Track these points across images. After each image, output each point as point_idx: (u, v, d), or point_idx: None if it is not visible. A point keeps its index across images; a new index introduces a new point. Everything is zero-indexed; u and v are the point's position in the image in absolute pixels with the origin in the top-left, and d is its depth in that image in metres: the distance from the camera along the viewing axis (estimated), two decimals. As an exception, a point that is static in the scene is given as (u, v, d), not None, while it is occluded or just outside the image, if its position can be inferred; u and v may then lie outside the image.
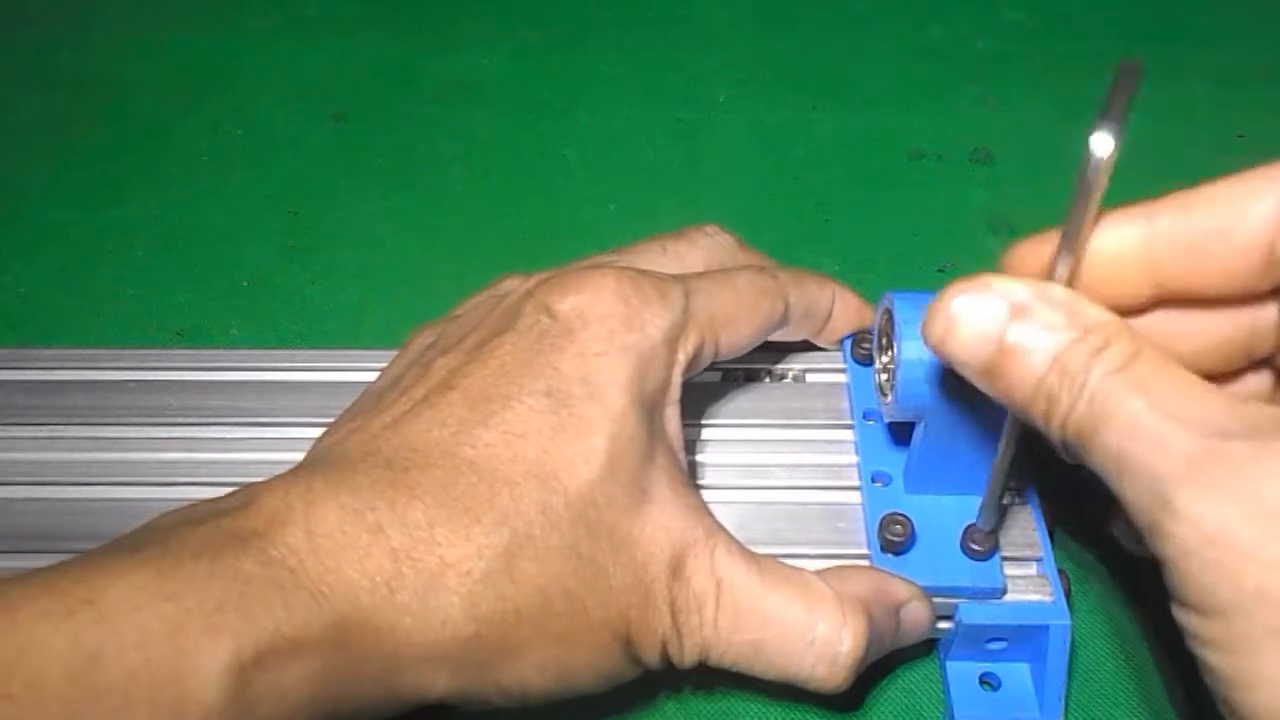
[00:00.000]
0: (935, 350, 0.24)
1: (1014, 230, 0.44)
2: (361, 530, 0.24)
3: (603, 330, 0.27)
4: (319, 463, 0.26)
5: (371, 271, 0.43)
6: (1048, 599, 0.29)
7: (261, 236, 0.44)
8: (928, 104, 0.50)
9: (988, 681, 0.30)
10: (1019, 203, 0.45)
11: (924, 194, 0.46)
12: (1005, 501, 0.29)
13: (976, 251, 0.43)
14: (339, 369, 0.35)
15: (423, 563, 0.24)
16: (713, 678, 0.31)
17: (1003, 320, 0.23)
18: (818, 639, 0.27)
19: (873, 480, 0.31)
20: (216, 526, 0.24)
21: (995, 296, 0.23)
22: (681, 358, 0.28)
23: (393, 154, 0.48)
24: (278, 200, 0.46)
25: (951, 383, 0.27)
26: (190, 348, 0.37)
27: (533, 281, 0.30)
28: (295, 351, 0.36)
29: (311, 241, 0.44)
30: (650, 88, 0.51)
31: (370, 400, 0.29)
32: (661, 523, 0.27)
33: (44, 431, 0.33)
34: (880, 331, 0.30)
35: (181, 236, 0.44)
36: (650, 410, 0.28)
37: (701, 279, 0.30)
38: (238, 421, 0.33)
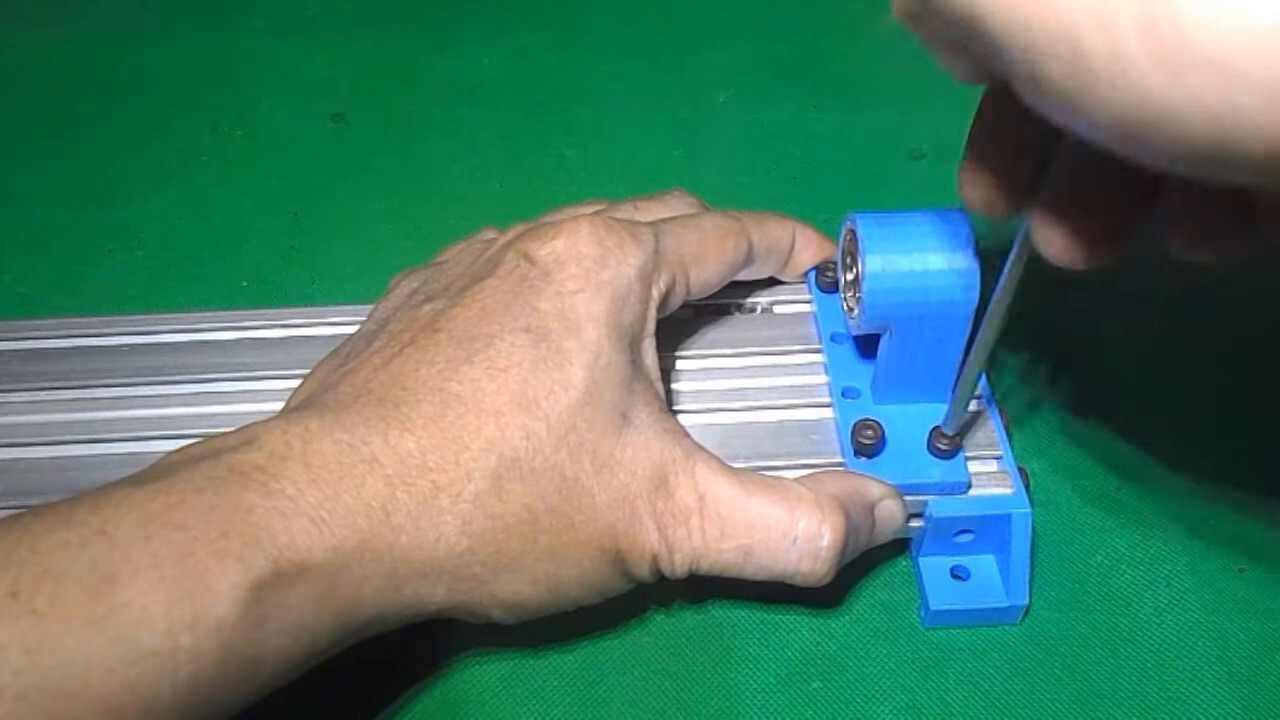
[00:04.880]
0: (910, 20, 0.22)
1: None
2: (357, 461, 0.26)
3: (578, 270, 0.29)
4: (314, 405, 0.28)
5: (371, 271, 0.43)
6: (1009, 491, 0.32)
7: (261, 236, 0.44)
8: (928, 104, 0.50)
9: (958, 574, 0.33)
10: (1019, 203, 0.45)
11: (924, 194, 0.46)
12: (968, 407, 0.31)
13: (976, 251, 0.43)
14: (328, 324, 0.36)
15: (416, 487, 0.26)
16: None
17: None
18: (800, 537, 0.29)
19: (843, 395, 0.34)
20: (218, 462, 0.25)
21: None
22: (655, 294, 0.30)
23: (393, 154, 0.48)
24: (278, 200, 0.46)
25: (913, 293, 0.30)
26: (180, 311, 0.37)
27: (513, 233, 0.32)
28: (284, 310, 0.37)
29: (311, 241, 0.44)
30: (650, 88, 0.51)
31: (361, 344, 0.31)
32: (641, 444, 0.28)
33: (41, 395, 0.34)
34: (845, 251, 0.32)
35: (181, 236, 0.44)
36: (628, 342, 0.29)
37: (670, 223, 0.32)
38: (234, 376, 0.35)
